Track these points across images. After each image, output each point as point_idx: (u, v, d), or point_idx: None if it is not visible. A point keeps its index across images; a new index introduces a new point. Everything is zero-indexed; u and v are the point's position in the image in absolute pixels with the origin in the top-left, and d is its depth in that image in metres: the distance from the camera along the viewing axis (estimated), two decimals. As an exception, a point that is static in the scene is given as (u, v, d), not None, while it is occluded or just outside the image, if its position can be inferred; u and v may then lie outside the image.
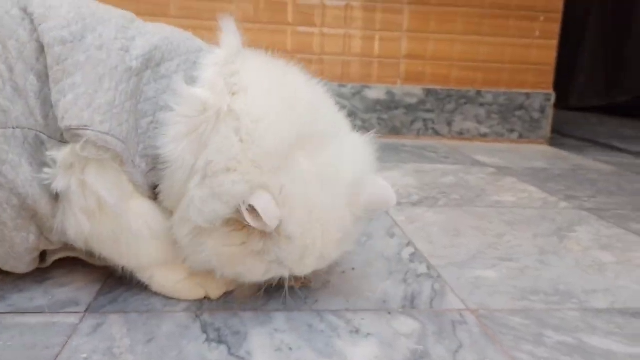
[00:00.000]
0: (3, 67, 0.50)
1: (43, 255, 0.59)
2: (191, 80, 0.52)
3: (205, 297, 0.57)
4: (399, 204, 1.00)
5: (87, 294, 0.57)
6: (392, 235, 0.82)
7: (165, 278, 0.57)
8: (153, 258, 0.55)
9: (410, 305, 0.59)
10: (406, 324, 0.55)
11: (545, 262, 0.74)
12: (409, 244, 0.79)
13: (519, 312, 0.58)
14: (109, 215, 0.51)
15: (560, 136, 2.05)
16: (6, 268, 0.56)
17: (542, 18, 1.79)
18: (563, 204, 1.06)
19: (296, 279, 0.61)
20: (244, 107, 0.51)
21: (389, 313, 0.57)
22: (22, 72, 0.51)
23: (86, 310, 0.54)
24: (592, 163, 1.58)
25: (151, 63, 0.53)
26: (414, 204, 1.01)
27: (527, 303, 0.61)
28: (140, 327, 0.51)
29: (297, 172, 0.51)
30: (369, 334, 0.52)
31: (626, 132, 2.42)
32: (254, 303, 0.57)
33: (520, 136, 1.89)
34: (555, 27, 1.81)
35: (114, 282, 0.59)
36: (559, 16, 1.80)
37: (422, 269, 0.70)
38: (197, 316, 0.54)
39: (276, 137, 0.50)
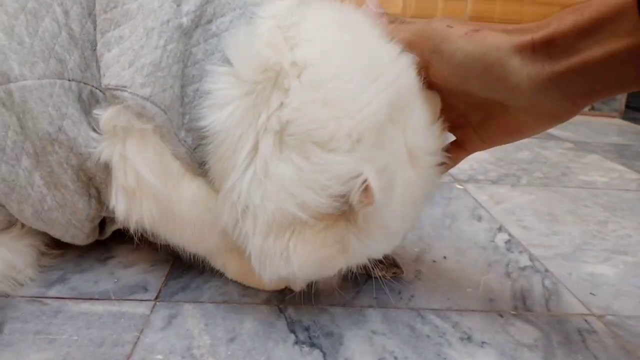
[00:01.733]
0: (58, 9, 0.43)
1: (102, 225, 0.53)
2: (244, 37, 0.43)
3: (286, 288, 0.50)
4: (477, 181, 0.91)
5: (156, 278, 0.51)
6: (478, 218, 0.73)
7: (240, 266, 0.50)
8: (218, 245, 0.48)
9: (522, 306, 0.50)
10: (525, 331, 0.46)
11: (665, 257, 0.64)
12: (500, 228, 0.70)
13: (655, 321, 0.49)
14: (150, 197, 0.43)
15: (628, 109, 1.88)
16: (65, 239, 0.50)
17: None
18: (662, 187, 0.94)
19: (386, 268, 0.53)
20: (313, 59, 0.40)
21: (501, 316, 0.48)
22: (79, 16, 0.44)
23: (156, 298, 0.47)
24: (679, 140, 1.42)
25: (202, 20, 0.44)
26: (494, 182, 0.91)
27: (662, 309, 0.51)
28: (220, 322, 0.44)
29: (394, 149, 0.42)
30: (484, 343, 0.44)
31: None
32: (341, 295, 0.50)
33: (592, 108, 1.73)
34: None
35: (183, 264, 0.53)
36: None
37: (525, 260, 0.60)
38: (280, 311, 0.47)
39: (371, 105, 0.40)
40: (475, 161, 1.04)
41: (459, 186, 0.87)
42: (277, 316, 0.46)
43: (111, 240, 0.56)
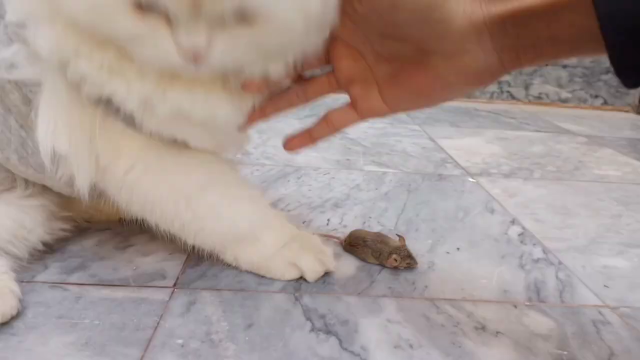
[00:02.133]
0: None
1: None
2: None
3: (301, 277, 0.51)
4: (489, 174, 0.91)
5: (174, 266, 0.52)
6: (491, 211, 0.73)
7: (251, 256, 0.51)
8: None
9: (537, 297, 0.51)
10: (539, 322, 0.46)
11: (680, 251, 0.64)
12: (513, 221, 0.70)
13: (670, 313, 0.49)
14: None
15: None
16: (62, 189, 0.49)
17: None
18: (677, 182, 0.93)
19: (400, 259, 0.53)
20: None
21: (515, 306, 0.49)
22: None
23: (175, 285, 0.48)
24: (694, 135, 1.41)
25: None
26: (507, 175, 0.91)
27: (677, 302, 0.51)
28: (237, 309, 0.45)
29: None
30: (498, 332, 0.44)
31: None
32: (356, 285, 0.50)
33: (605, 102, 1.72)
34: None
35: (200, 254, 0.53)
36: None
37: (538, 252, 0.61)
38: (296, 299, 0.47)
39: None
40: (488, 155, 1.04)
41: (471, 180, 0.87)
42: (293, 304, 0.46)
43: (129, 230, 0.57)
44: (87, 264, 0.51)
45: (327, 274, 0.52)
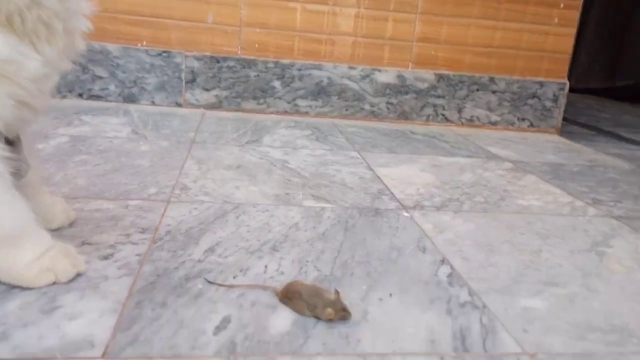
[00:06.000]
0: None
1: None
2: None
3: (54, 283, 0.56)
4: (422, 207, 0.94)
5: (103, 331, 0.50)
6: (423, 250, 0.76)
7: (12, 261, 0.53)
8: None
9: (462, 347, 0.54)
10: (463, 374, 0.49)
11: (591, 288, 0.69)
12: (443, 261, 0.73)
13: (580, 358, 0.53)
14: None
15: (563, 121, 2.00)
16: None
17: (562, 5, 1.71)
18: (591, 211, 1.01)
19: (335, 311, 0.55)
20: None
21: (442, 359, 0.51)
22: None
23: (103, 355, 0.47)
24: (607, 158, 1.53)
25: None
26: (438, 208, 0.95)
27: (586, 344, 0.56)
28: (169, 380, 0.45)
29: None
30: (425, 389, 0.47)
31: (628, 119, 2.38)
32: (291, 342, 0.51)
33: (531, 125, 1.83)
34: (575, 15, 1.73)
35: (132, 309, 0.52)
36: (579, 3, 1.72)
37: (464, 295, 0.64)
38: (231, 363, 0.48)
39: None
40: (422, 185, 1.08)
41: (406, 214, 0.90)
42: (227, 370, 0.47)
43: (57, 288, 0.55)
44: (10, 332, 0.49)
45: (263, 330, 0.52)
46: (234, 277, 0.63)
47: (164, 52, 1.56)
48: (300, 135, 1.44)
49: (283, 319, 0.55)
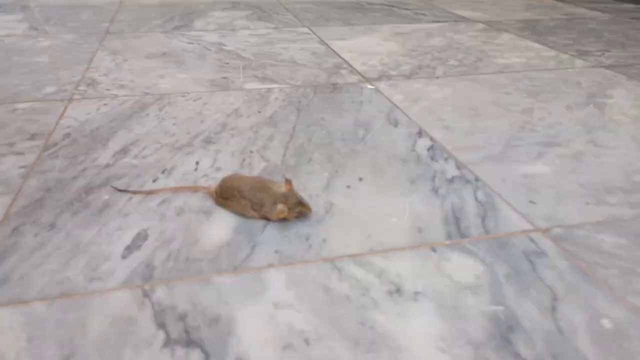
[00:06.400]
0: None
1: None
2: None
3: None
4: (389, 77, 0.79)
5: (-42, 275, 0.35)
6: (395, 123, 0.62)
7: None
8: None
9: (457, 232, 0.41)
10: (464, 267, 0.37)
11: (598, 144, 0.57)
12: (420, 133, 0.59)
13: (604, 227, 0.42)
14: None
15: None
16: None
17: None
18: (579, 62, 0.88)
19: (288, 207, 0.41)
20: None
21: (434, 250, 0.39)
22: None
23: (-45, 308, 0.32)
24: (583, 11, 1.38)
25: None
26: (408, 77, 0.80)
27: (608, 209, 0.44)
28: (52, 332, 0.31)
29: None
30: (417, 293, 0.34)
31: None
32: (232, 255, 0.38)
33: (498, -16, 1.63)
34: None
35: (5, 239, 0.37)
36: None
37: (451, 169, 0.51)
38: (145, 294, 0.34)
39: None
40: (386, 54, 0.92)
41: (370, 86, 0.75)
42: (139, 306, 0.33)
43: None
44: None
45: (193, 244, 0.38)
46: (154, 181, 0.48)
47: None
48: (240, 16, 1.23)
49: (220, 227, 0.41)
